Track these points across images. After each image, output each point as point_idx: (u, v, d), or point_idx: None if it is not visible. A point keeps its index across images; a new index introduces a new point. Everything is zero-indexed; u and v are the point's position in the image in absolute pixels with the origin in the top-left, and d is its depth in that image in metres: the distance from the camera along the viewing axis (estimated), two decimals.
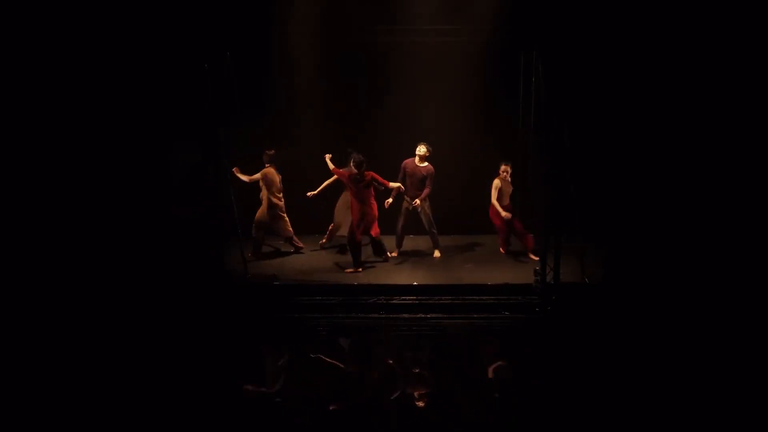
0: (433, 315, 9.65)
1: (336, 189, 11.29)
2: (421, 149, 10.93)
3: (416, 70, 11.90)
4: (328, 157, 10.80)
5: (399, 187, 10.75)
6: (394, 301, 9.81)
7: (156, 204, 10.46)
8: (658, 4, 10.06)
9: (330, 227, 11.50)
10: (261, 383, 8.16)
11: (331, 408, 7.37)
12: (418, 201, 10.82)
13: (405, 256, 11.31)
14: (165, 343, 8.78)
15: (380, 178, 10.49)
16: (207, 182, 10.00)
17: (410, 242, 11.76)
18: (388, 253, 11.08)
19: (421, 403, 7.55)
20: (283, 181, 11.25)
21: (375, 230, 10.72)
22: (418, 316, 9.67)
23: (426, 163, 10.96)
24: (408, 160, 11.00)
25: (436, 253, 11.28)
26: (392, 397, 7.60)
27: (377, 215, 10.65)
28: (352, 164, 10.45)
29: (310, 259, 11.22)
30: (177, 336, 9.01)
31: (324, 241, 11.65)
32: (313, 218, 11.65)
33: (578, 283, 9.75)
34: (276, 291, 10.01)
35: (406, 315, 9.68)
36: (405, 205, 11.14)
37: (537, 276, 9.85)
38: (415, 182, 10.93)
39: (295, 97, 12.10)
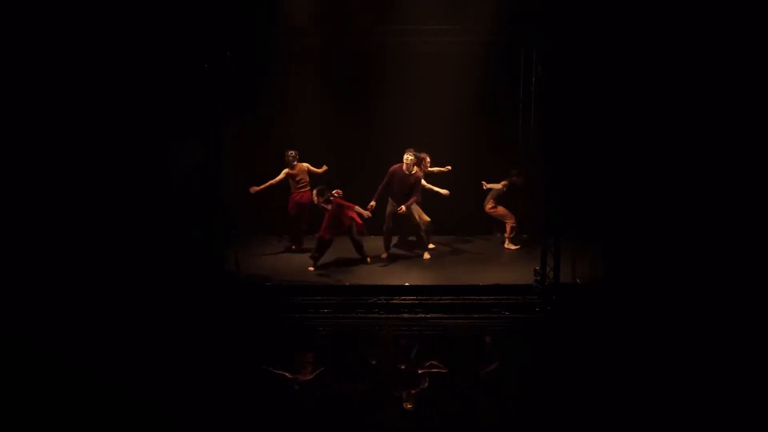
0: (433, 315, 9.65)
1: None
2: (409, 157, 10.87)
3: (416, 70, 11.89)
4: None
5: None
6: (394, 301, 9.81)
7: (155, 204, 10.44)
8: (657, 4, 10.06)
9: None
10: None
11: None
12: (403, 208, 10.81)
13: (404, 257, 11.29)
14: (165, 344, 8.78)
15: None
16: (207, 182, 10.01)
17: (409, 243, 11.78)
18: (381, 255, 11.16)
19: (421, 404, 7.55)
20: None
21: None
22: (418, 316, 9.67)
23: (415, 170, 10.95)
24: (397, 167, 10.95)
25: (426, 255, 11.24)
26: (392, 398, 7.61)
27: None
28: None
29: (310, 260, 11.21)
30: (177, 336, 9.00)
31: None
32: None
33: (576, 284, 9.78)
34: (276, 291, 10.02)
35: (406, 315, 9.68)
36: (390, 209, 11.08)
37: (537, 276, 9.85)
38: (405, 189, 10.91)
39: (294, 98, 12.09)
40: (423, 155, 11.27)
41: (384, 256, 11.19)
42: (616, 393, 7.54)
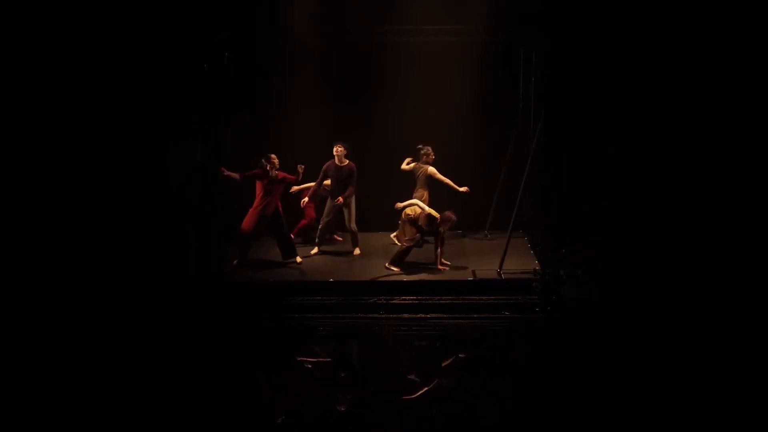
0: (433, 315, 9.65)
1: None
2: (339, 149, 10.91)
3: (416, 70, 11.89)
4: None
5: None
6: (394, 301, 9.81)
7: (155, 204, 10.45)
8: (657, 4, 10.06)
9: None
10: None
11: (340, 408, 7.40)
12: (341, 198, 10.82)
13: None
14: (165, 344, 8.78)
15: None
16: (207, 183, 10.01)
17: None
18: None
19: (420, 404, 7.55)
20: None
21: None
22: (418, 316, 9.67)
23: (347, 162, 10.97)
24: (329, 162, 10.98)
25: (356, 251, 11.24)
26: (392, 397, 7.62)
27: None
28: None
29: (310, 259, 11.21)
30: (176, 337, 9.01)
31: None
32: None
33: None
34: (276, 291, 10.02)
35: (406, 315, 9.68)
36: (329, 205, 11.10)
37: (537, 276, 9.85)
38: (339, 182, 10.94)
39: (294, 98, 12.09)
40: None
41: (314, 251, 11.20)
42: (616, 393, 7.54)
